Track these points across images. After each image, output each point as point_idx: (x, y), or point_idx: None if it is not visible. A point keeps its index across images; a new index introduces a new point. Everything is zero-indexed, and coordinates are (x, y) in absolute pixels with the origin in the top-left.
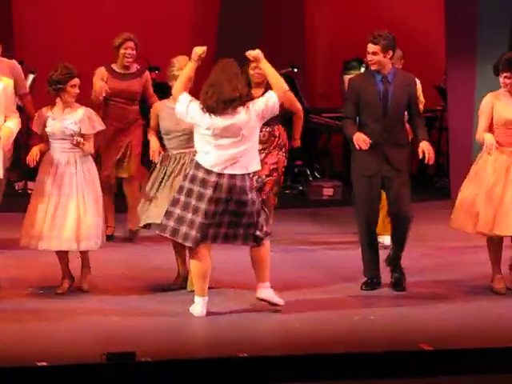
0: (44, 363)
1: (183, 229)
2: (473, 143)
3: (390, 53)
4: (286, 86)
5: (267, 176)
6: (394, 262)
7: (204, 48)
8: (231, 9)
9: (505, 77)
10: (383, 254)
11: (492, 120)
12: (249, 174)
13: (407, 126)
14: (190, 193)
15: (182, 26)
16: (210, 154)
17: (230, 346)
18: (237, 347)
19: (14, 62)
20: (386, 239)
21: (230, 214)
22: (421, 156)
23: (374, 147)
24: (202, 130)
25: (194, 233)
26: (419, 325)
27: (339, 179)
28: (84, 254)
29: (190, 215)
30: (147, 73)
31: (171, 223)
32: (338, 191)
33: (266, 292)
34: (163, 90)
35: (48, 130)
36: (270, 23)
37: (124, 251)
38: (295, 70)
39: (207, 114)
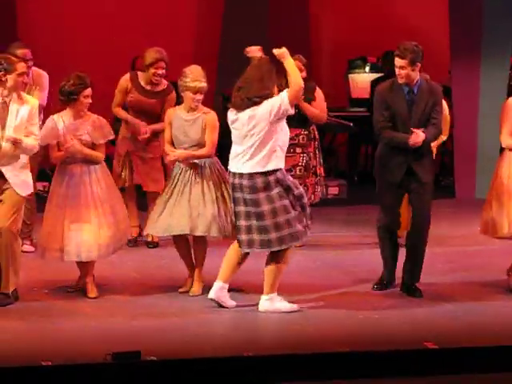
0: (49, 362)
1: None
2: (477, 142)
3: (418, 65)
4: (301, 83)
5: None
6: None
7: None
8: (235, 9)
9: None
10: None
11: None
12: (262, 172)
13: None
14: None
15: (185, 27)
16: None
17: (235, 345)
18: (242, 346)
19: (44, 73)
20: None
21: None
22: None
23: (400, 158)
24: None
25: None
26: (424, 323)
27: (344, 178)
28: (90, 263)
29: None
30: (173, 94)
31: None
32: (343, 190)
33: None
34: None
35: (61, 140)
36: (275, 23)
37: (131, 252)
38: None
39: (234, 111)
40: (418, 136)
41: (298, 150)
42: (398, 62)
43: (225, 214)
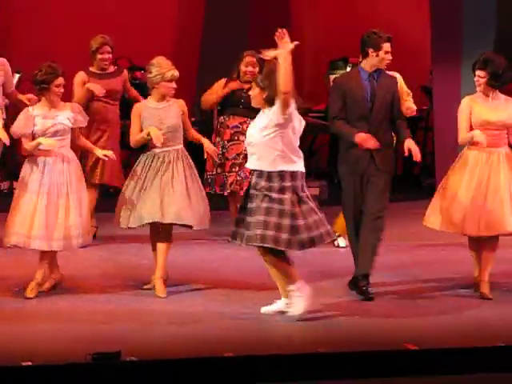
0: (29, 363)
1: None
2: (459, 144)
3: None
4: (285, 89)
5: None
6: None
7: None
8: (216, 9)
9: (478, 75)
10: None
11: (471, 122)
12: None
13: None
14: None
15: (166, 26)
16: None
17: (215, 345)
18: (222, 347)
19: (4, 59)
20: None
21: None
22: (406, 154)
23: (360, 150)
24: None
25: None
26: (404, 324)
27: (325, 179)
28: (54, 254)
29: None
30: (125, 72)
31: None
32: (324, 191)
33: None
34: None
35: (38, 128)
36: (256, 23)
37: (109, 251)
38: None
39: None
40: (366, 140)
41: (242, 137)
42: (387, 46)
43: (197, 203)
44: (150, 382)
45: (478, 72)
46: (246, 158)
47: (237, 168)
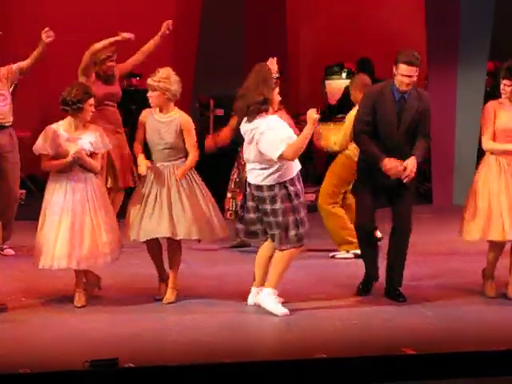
0: (27, 370)
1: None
2: (455, 148)
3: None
4: (293, 157)
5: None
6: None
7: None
8: (213, 16)
9: (504, 84)
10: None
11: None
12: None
13: None
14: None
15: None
16: None
17: (213, 351)
18: (220, 353)
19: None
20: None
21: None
22: (402, 170)
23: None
24: None
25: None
26: (402, 329)
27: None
28: (91, 273)
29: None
30: (116, 67)
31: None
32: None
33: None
34: (144, 97)
35: (61, 151)
36: (252, 30)
37: None
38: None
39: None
40: (411, 168)
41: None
42: (410, 70)
43: (201, 215)
44: None
45: (504, 81)
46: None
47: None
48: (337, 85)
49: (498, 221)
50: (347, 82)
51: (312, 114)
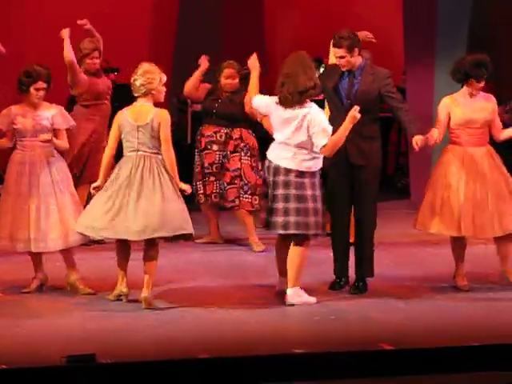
0: (3, 366)
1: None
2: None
3: (356, 50)
4: (330, 153)
5: (228, 184)
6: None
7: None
8: (190, 10)
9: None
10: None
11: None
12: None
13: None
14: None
15: (140, 27)
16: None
17: (189, 346)
18: (196, 348)
19: None
20: None
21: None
22: (416, 148)
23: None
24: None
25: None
26: (379, 324)
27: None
28: (68, 254)
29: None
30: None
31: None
32: None
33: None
34: (123, 92)
35: (18, 126)
36: (229, 24)
37: (84, 253)
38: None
39: (279, 106)
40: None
41: (215, 147)
42: (336, 52)
43: (173, 212)
44: None
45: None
46: (218, 167)
47: (212, 178)
48: None
49: (454, 215)
50: None
51: (354, 114)
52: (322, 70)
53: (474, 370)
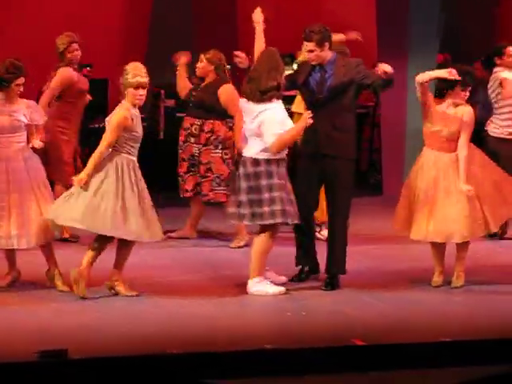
0: None
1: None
2: (405, 140)
3: (327, 45)
4: (277, 149)
5: (202, 177)
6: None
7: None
8: (163, 9)
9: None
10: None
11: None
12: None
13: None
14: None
15: (113, 22)
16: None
17: (160, 342)
18: (168, 343)
19: None
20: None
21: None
22: (381, 71)
23: (312, 128)
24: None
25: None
26: (351, 320)
27: None
28: (48, 250)
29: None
30: None
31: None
32: None
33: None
34: (95, 87)
35: None
36: (202, 20)
37: (60, 248)
38: (228, 66)
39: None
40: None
41: (192, 139)
42: (305, 46)
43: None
44: (98, 381)
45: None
46: (195, 160)
47: (192, 171)
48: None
49: (422, 219)
50: None
51: (306, 117)
52: (295, 66)
53: (445, 365)
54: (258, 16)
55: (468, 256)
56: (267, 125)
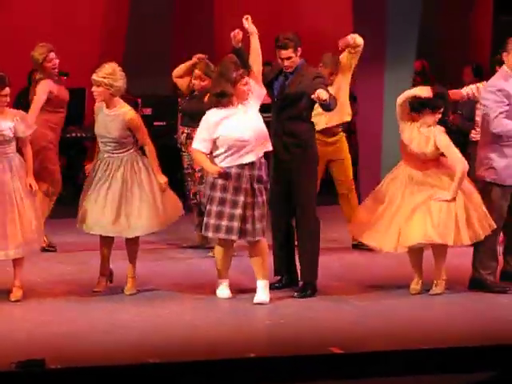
0: None
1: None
2: (382, 144)
3: (299, 50)
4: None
5: (199, 184)
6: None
7: None
8: (140, 16)
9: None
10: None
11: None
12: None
13: None
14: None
15: (90, 31)
16: None
17: (142, 351)
18: (148, 353)
19: None
20: None
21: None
22: (315, 97)
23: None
24: None
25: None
26: (329, 328)
27: None
28: (20, 261)
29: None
30: None
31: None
32: None
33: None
34: (72, 96)
35: None
36: (179, 25)
37: (37, 257)
38: None
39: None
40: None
41: (182, 148)
42: (283, 54)
43: (150, 206)
44: None
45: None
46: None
47: (189, 179)
48: None
49: (392, 231)
50: None
51: (218, 170)
52: None
53: (424, 373)
54: (251, 27)
55: (447, 264)
56: (198, 130)
